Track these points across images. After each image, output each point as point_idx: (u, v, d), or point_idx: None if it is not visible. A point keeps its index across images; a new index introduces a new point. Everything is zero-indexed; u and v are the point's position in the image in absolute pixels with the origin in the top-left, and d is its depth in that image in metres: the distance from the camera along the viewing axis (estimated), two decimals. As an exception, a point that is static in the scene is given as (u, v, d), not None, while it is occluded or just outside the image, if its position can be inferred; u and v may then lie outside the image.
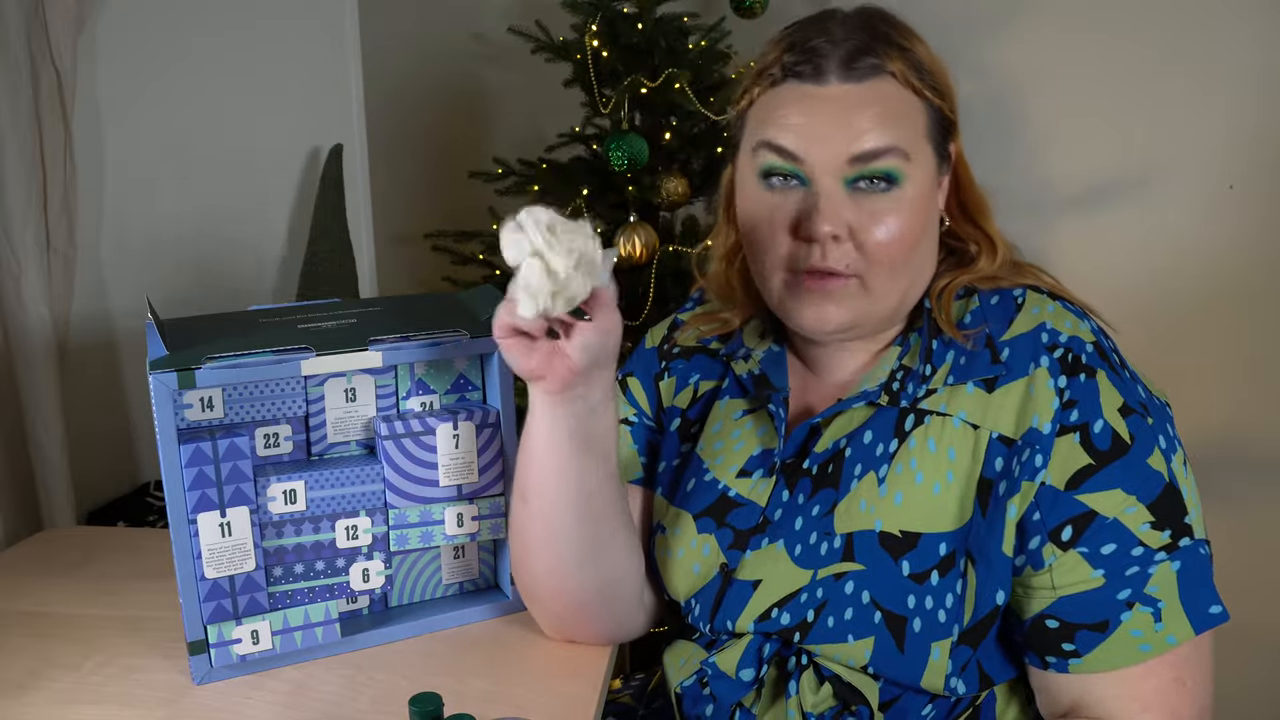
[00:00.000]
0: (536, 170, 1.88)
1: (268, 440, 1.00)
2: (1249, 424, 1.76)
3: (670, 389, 1.06)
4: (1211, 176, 1.73)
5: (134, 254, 1.68)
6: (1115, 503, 0.81)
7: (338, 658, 1.01)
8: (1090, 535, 0.81)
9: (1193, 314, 1.77)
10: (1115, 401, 0.83)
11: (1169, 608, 0.80)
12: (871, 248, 0.85)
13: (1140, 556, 0.81)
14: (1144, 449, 0.82)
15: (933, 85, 0.87)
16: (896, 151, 0.84)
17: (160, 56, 1.70)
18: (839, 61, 0.85)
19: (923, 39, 0.90)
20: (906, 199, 0.86)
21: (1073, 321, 0.86)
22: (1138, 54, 1.74)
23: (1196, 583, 0.81)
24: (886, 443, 0.88)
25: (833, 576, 0.87)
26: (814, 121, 0.85)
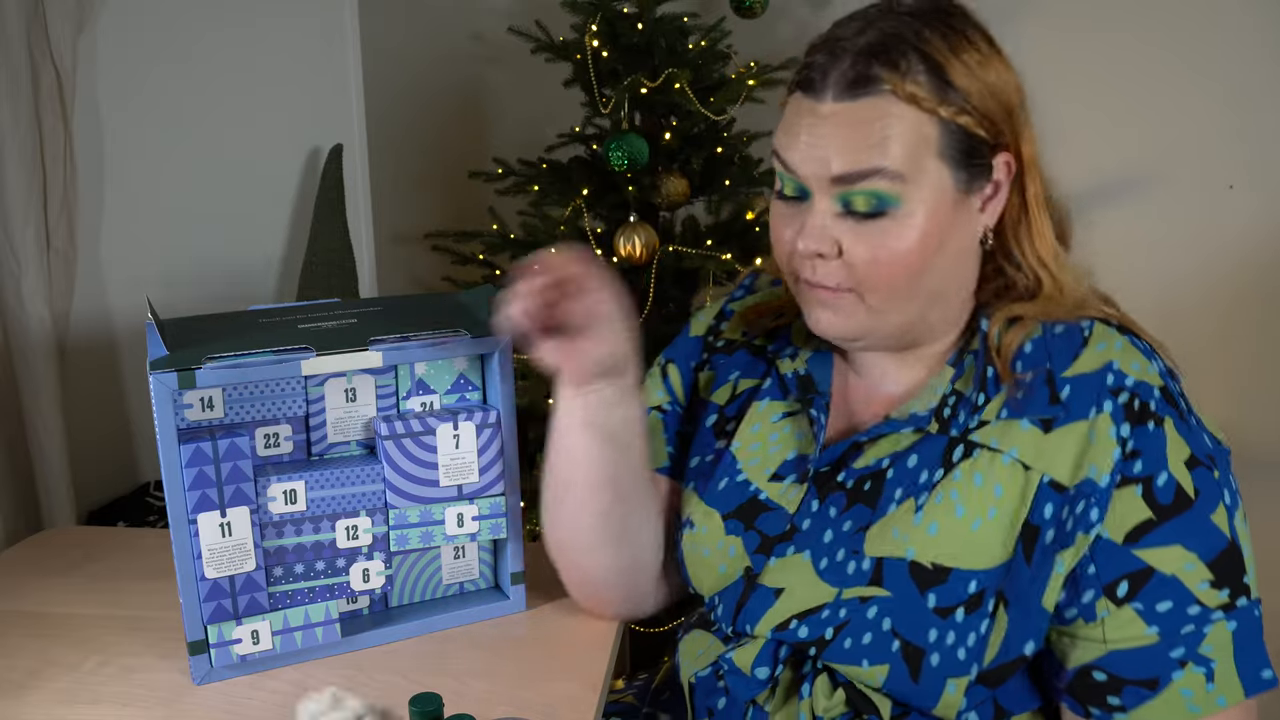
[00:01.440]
0: (536, 170, 1.88)
1: (268, 440, 1.00)
2: (1249, 424, 1.76)
3: (709, 382, 1.04)
4: (1211, 176, 1.73)
5: (134, 254, 1.68)
6: (1175, 559, 0.79)
7: (338, 658, 1.01)
8: (1147, 592, 0.79)
9: (1192, 314, 1.77)
10: (1182, 453, 0.80)
11: (1222, 668, 0.79)
12: (861, 269, 0.83)
13: (1197, 616, 0.79)
14: (1208, 504, 0.80)
15: (955, 99, 0.81)
16: (883, 174, 0.80)
17: (160, 57, 1.70)
18: (837, 77, 0.81)
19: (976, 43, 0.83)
20: (904, 221, 0.81)
21: (1141, 363, 0.82)
22: (1138, 54, 1.74)
23: (1250, 644, 0.80)
24: (931, 470, 0.85)
25: (858, 599, 0.85)
26: (809, 139, 0.83)
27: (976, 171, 0.84)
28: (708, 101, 1.74)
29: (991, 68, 0.83)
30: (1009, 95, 0.84)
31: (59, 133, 1.50)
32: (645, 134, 1.75)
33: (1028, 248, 0.87)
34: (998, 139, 0.84)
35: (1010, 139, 0.85)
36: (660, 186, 1.77)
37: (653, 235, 1.74)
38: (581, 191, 1.79)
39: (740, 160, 1.85)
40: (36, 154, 1.47)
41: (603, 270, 0.88)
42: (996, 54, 0.85)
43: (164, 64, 1.70)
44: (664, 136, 1.77)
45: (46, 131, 1.48)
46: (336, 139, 1.92)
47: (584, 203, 1.78)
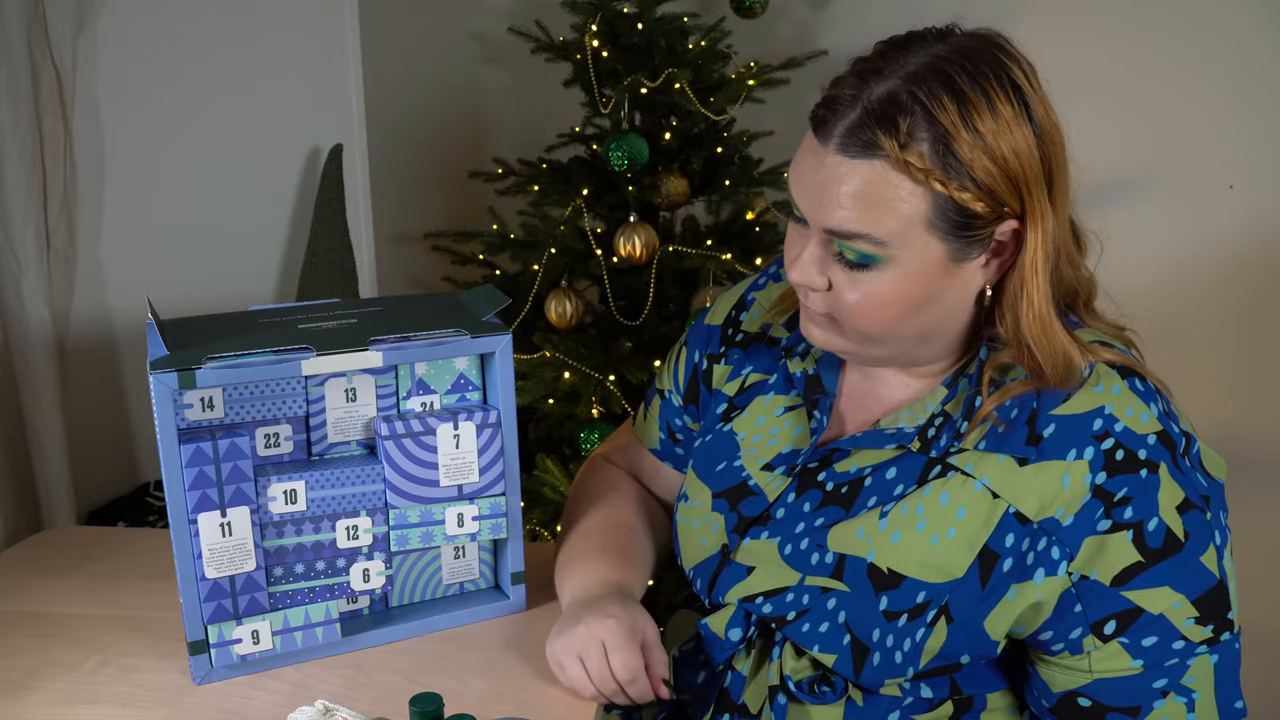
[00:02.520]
0: (536, 170, 1.88)
1: (268, 440, 1.00)
2: (1249, 424, 1.76)
3: (724, 375, 1.07)
4: (1211, 176, 1.73)
5: (134, 254, 1.68)
6: (1163, 600, 0.81)
7: (338, 658, 1.01)
8: (1134, 629, 0.82)
9: (1192, 314, 1.77)
10: (1175, 498, 0.81)
11: (1203, 700, 0.82)
12: (844, 309, 0.85)
13: (1181, 650, 0.82)
14: (1198, 547, 0.82)
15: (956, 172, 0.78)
16: (866, 239, 0.81)
17: (160, 56, 1.70)
18: (843, 128, 0.80)
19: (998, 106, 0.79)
20: (887, 278, 0.82)
21: (1136, 409, 0.82)
22: (1138, 54, 1.74)
23: (1229, 676, 0.83)
24: (906, 485, 0.88)
25: (820, 588, 0.89)
26: (810, 180, 0.83)
27: (971, 242, 0.82)
28: (708, 101, 1.74)
29: (1008, 136, 0.79)
30: (1021, 168, 0.80)
31: (59, 133, 1.50)
32: (645, 134, 1.75)
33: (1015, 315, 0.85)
34: (1000, 212, 0.81)
35: (1017, 210, 0.82)
36: (660, 186, 1.77)
37: (653, 235, 1.74)
38: (581, 191, 1.78)
39: (740, 160, 1.85)
40: (36, 154, 1.47)
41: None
42: (1022, 118, 0.80)
43: (164, 64, 1.70)
44: (664, 136, 1.77)
45: (46, 131, 1.48)
46: (336, 139, 1.92)
47: (584, 203, 1.78)
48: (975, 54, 0.81)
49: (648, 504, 1.13)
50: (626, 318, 1.80)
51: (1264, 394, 1.75)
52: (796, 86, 1.81)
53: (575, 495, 1.15)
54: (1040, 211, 0.81)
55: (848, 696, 0.90)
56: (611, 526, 1.07)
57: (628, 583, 1.00)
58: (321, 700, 0.87)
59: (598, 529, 1.06)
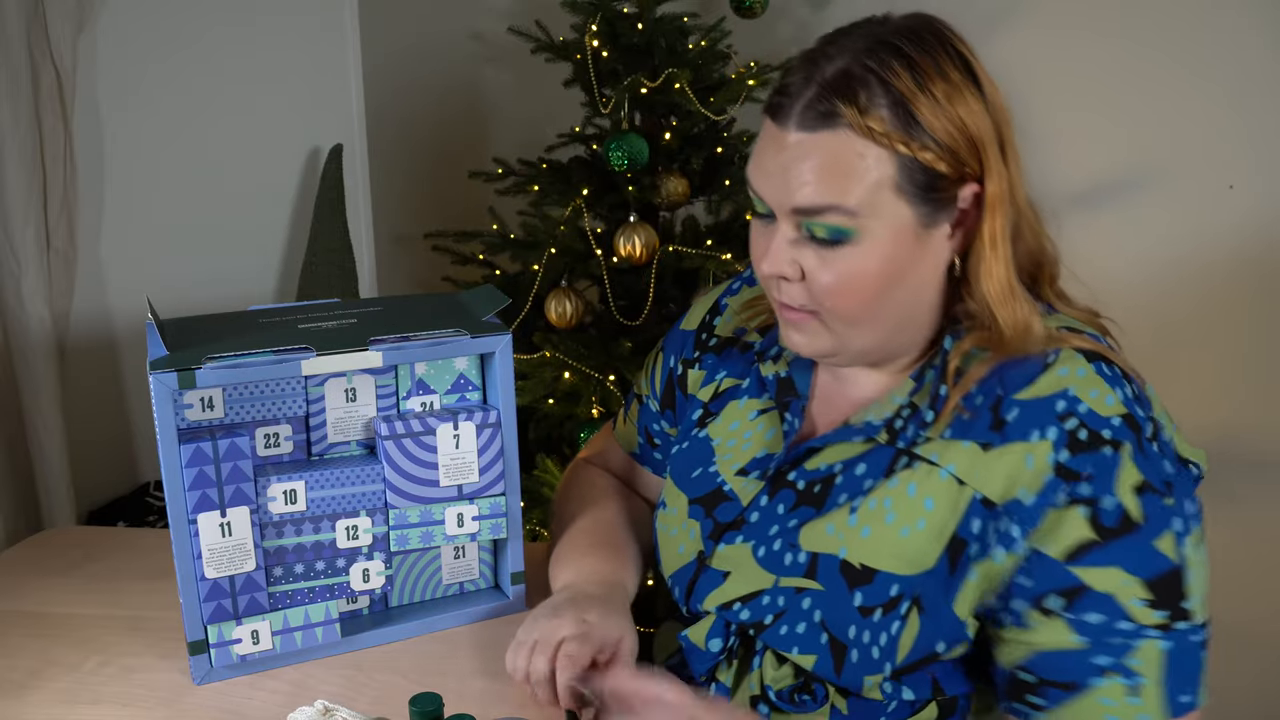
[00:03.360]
0: (536, 170, 1.88)
1: (268, 440, 1.00)
2: (1248, 424, 1.76)
3: (698, 381, 1.07)
4: (1211, 176, 1.73)
5: (134, 254, 1.68)
6: (1112, 579, 0.80)
7: (338, 658, 1.01)
8: (1078, 605, 0.80)
9: (1192, 314, 1.77)
10: (1133, 479, 0.80)
11: (1149, 686, 0.79)
12: (820, 294, 0.85)
13: (1128, 631, 0.79)
14: (1154, 530, 0.80)
15: (917, 134, 0.80)
16: (836, 210, 0.81)
17: (160, 56, 1.70)
18: (801, 107, 0.81)
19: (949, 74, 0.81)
20: (860, 253, 0.82)
21: (1101, 391, 0.82)
22: (1137, 54, 1.74)
23: (1183, 668, 0.79)
24: (874, 479, 0.88)
25: (795, 589, 0.89)
26: (772, 166, 0.84)
27: (938, 205, 0.83)
28: (708, 101, 1.74)
29: (962, 101, 0.81)
30: (978, 129, 0.82)
31: (59, 133, 1.50)
32: (645, 134, 1.75)
33: (979, 282, 0.85)
34: (963, 173, 0.82)
35: (977, 172, 0.83)
36: (660, 186, 1.77)
37: (653, 235, 1.74)
38: (581, 191, 1.78)
39: (740, 160, 1.85)
40: (36, 154, 1.47)
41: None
42: (971, 85, 0.82)
43: (164, 64, 1.70)
44: (664, 136, 1.77)
45: (46, 131, 1.49)
46: (336, 139, 1.92)
47: (584, 203, 1.78)
48: (917, 29, 0.83)
49: (632, 502, 1.14)
50: (626, 318, 1.80)
51: (1263, 393, 1.75)
52: (796, 86, 1.81)
53: (562, 497, 1.15)
54: (998, 173, 0.83)
55: (830, 704, 0.89)
56: (601, 523, 1.07)
57: (621, 579, 1.00)
58: (321, 700, 0.87)
59: (588, 526, 1.06)
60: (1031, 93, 1.86)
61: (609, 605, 0.94)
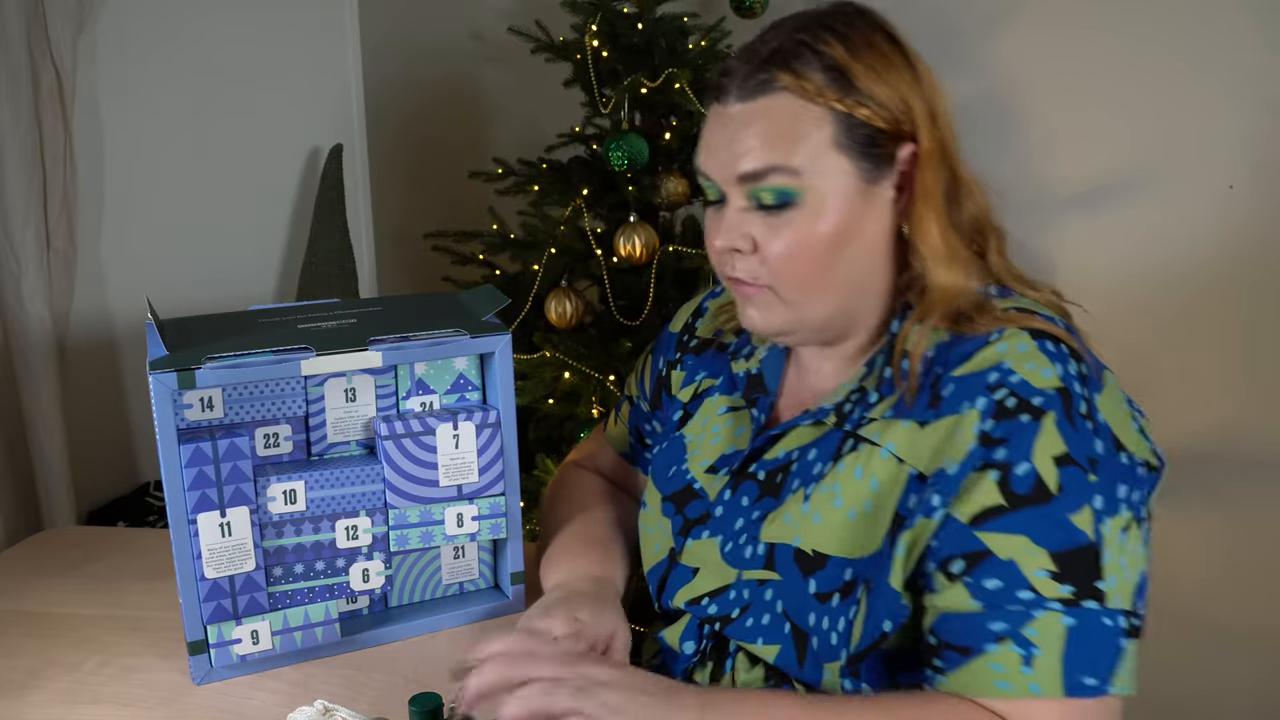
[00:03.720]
0: (536, 170, 1.88)
1: (268, 440, 1.00)
2: (1248, 423, 1.76)
3: (679, 381, 1.09)
4: (1211, 176, 1.73)
5: (134, 254, 1.68)
6: (1015, 546, 0.78)
7: (338, 658, 1.01)
8: (979, 570, 0.79)
9: (1193, 314, 1.77)
10: (1054, 448, 0.78)
11: (1045, 658, 0.76)
12: (774, 262, 0.86)
13: (1028, 600, 0.77)
14: (1070, 503, 0.78)
15: (851, 92, 0.83)
16: (780, 170, 0.84)
17: (160, 56, 1.70)
18: (739, 81, 0.86)
19: (877, 44, 0.85)
20: (810, 213, 0.84)
21: (1038, 364, 0.81)
22: (1138, 53, 1.74)
23: (1089, 648, 0.76)
24: (824, 463, 0.89)
25: (756, 581, 0.90)
26: (717, 141, 0.87)
27: (878, 161, 0.85)
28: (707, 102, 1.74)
29: (892, 68, 0.85)
30: (909, 93, 0.85)
31: (59, 133, 1.50)
32: (645, 134, 1.75)
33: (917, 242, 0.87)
34: (898, 129, 0.85)
35: (913, 132, 0.86)
36: (660, 186, 1.77)
37: (653, 235, 1.74)
38: (581, 191, 1.78)
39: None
40: (36, 154, 1.47)
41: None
42: (900, 57, 0.86)
43: (164, 64, 1.70)
44: (664, 136, 1.77)
45: (46, 131, 1.49)
46: (336, 139, 1.92)
47: (584, 203, 1.78)
48: (845, 11, 0.88)
49: (621, 502, 1.15)
50: (626, 318, 1.80)
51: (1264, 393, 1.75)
52: (796, 86, 1.81)
53: (551, 500, 1.16)
54: (928, 132, 0.86)
55: None
56: (590, 524, 1.08)
57: (611, 577, 1.01)
58: (321, 700, 0.87)
59: (578, 527, 1.07)
60: (1031, 93, 1.86)
61: (600, 602, 0.94)
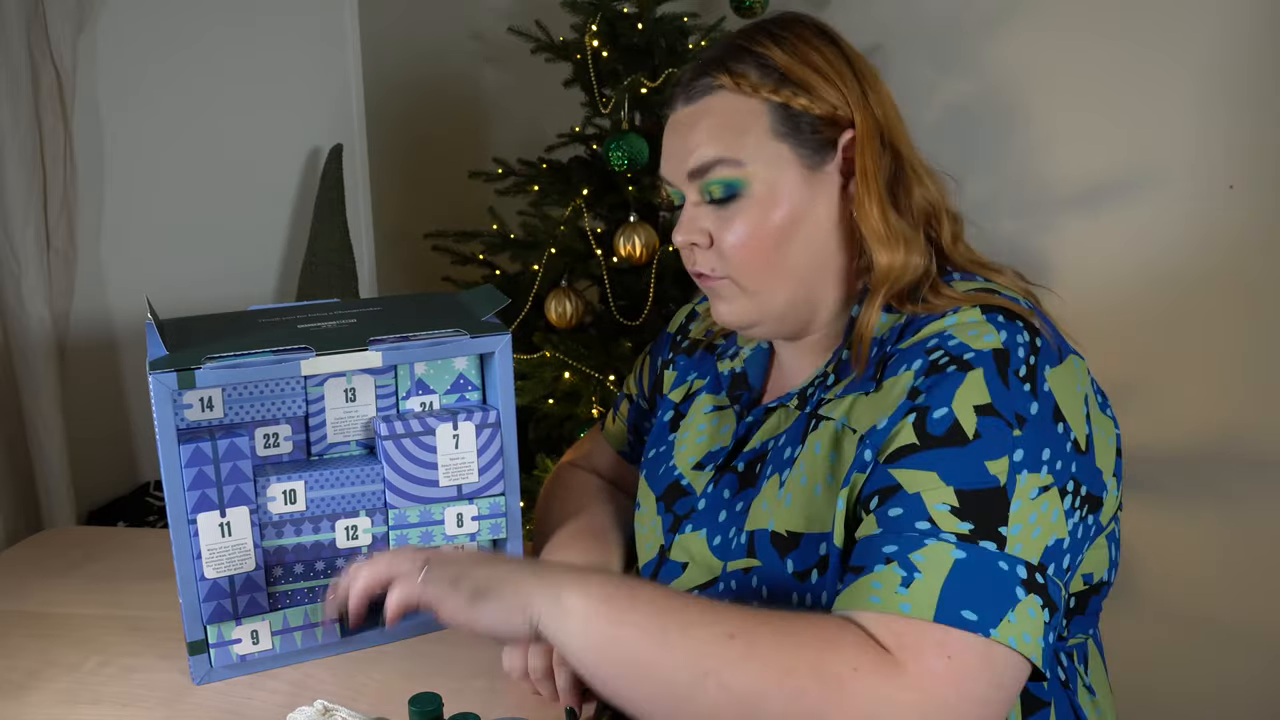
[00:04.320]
0: (536, 170, 1.88)
1: (268, 440, 1.00)
2: (1249, 423, 1.76)
3: (670, 381, 1.11)
4: (1211, 176, 1.73)
5: (134, 254, 1.68)
6: (922, 481, 0.77)
7: (337, 658, 1.01)
8: (888, 502, 0.78)
9: (1193, 314, 1.77)
10: (976, 398, 0.78)
11: (925, 583, 0.73)
12: (727, 252, 0.90)
13: (923, 530, 0.75)
14: (987, 450, 0.76)
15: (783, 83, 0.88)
16: (722, 162, 0.88)
17: (160, 56, 1.70)
18: (684, 86, 0.92)
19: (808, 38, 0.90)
20: (754, 204, 0.88)
21: (981, 330, 0.81)
22: (1138, 54, 1.74)
23: (977, 585, 0.73)
24: (793, 447, 0.90)
25: (741, 570, 0.91)
26: (671, 147, 0.93)
27: (817, 146, 0.89)
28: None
29: (827, 61, 0.89)
30: (843, 81, 0.89)
31: (59, 133, 1.50)
32: (645, 134, 1.75)
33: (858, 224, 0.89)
34: (835, 116, 0.88)
35: (847, 113, 0.89)
36: (660, 186, 1.76)
37: (653, 235, 1.74)
38: (581, 191, 1.78)
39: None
40: (36, 154, 1.47)
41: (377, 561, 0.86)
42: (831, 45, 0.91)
43: (164, 64, 1.70)
44: (664, 136, 1.77)
45: (46, 131, 1.49)
46: (336, 139, 1.92)
47: (584, 203, 1.78)
48: (784, 17, 0.93)
49: (617, 499, 1.15)
50: (626, 318, 1.80)
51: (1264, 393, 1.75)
52: (796, 86, 1.81)
53: (546, 499, 1.17)
54: (863, 113, 0.89)
55: None
56: (587, 517, 1.08)
57: (608, 565, 1.02)
58: (321, 700, 0.87)
59: (574, 523, 1.07)
60: (1031, 93, 1.86)
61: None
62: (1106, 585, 0.90)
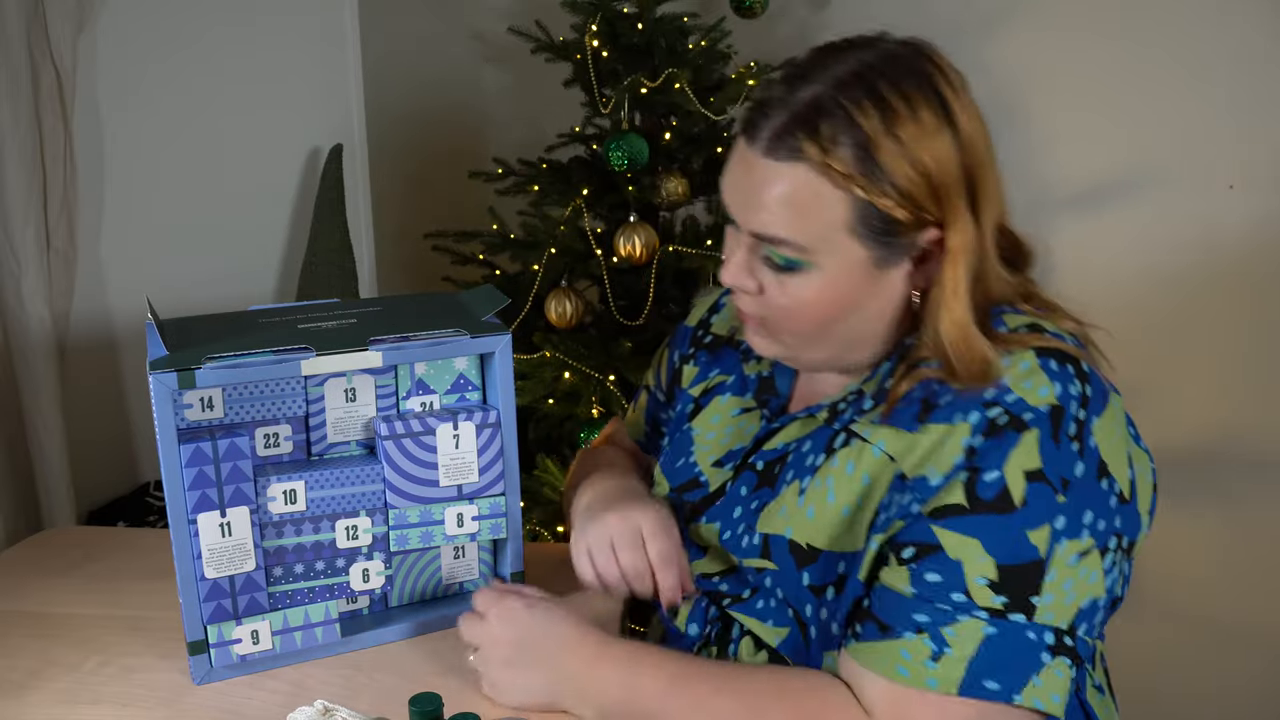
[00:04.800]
0: (536, 170, 1.88)
1: (268, 440, 1.00)
2: (1249, 423, 1.76)
3: (691, 376, 1.10)
4: (1211, 176, 1.73)
5: (134, 254, 1.68)
6: (965, 548, 0.77)
7: (337, 658, 1.01)
8: (925, 561, 0.79)
9: (1193, 314, 1.77)
10: (1027, 462, 0.78)
11: (953, 658, 0.76)
12: (773, 312, 0.87)
13: (959, 603, 0.77)
14: (1031, 519, 0.77)
15: (877, 177, 0.79)
16: (790, 245, 0.82)
17: (160, 56, 1.70)
18: (769, 131, 0.82)
19: (921, 114, 0.79)
20: (813, 282, 0.84)
21: (1037, 382, 0.79)
22: (1138, 54, 1.74)
23: (1002, 656, 0.76)
24: (816, 456, 0.89)
25: (755, 569, 0.91)
26: (737, 186, 0.86)
27: (894, 248, 0.83)
28: (708, 101, 1.74)
29: (930, 146, 0.80)
30: (944, 176, 0.81)
31: (59, 133, 1.50)
32: (645, 134, 1.75)
33: (934, 323, 0.84)
34: (922, 219, 0.82)
35: (939, 218, 0.82)
36: (660, 186, 1.77)
37: (653, 235, 1.74)
38: (581, 191, 1.79)
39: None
40: (36, 154, 1.47)
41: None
42: (945, 126, 0.81)
43: (164, 64, 1.70)
44: (664, 136, 1.77)
45: (46, 131, 1.49)
46: (336, 139, 1.92)
47: (584, 203, 1.78)
48: (901, 61, 0.82)
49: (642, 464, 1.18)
50: (626, 318, 1.80)
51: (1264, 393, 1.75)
52: (796, 86, 1.81)
53: (578, 469, 1.19)
54: (963, 223, 0.82)
55: None
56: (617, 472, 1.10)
57: (639, 486, 1.04)
58: (321, 700, 0.87)
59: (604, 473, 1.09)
60: (1031, 93, 1.86)
61: (634, 497, 0.99)
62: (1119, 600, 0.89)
